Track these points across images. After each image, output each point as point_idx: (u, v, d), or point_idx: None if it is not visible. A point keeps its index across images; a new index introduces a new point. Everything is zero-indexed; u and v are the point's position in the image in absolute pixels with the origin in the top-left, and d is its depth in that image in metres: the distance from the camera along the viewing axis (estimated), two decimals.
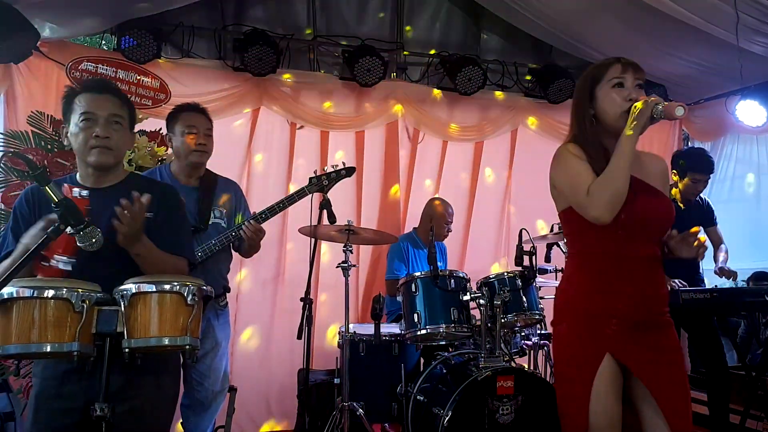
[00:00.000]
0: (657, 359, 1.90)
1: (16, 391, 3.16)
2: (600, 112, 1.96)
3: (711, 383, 3.44)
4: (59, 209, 1.58)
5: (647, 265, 1.93)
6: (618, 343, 1.89)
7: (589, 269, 1.98)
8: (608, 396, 1.87)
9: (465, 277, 3.35)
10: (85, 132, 1.88)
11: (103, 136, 1.87)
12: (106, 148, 1.88)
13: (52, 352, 1.59)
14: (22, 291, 1.56)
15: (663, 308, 1.97)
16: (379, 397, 3.38)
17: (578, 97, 2.04)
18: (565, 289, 2.06)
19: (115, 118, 1.91)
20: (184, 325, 1.66)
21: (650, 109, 1.83)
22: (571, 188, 1.93)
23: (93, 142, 1.86)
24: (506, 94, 4.96)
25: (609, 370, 1.88)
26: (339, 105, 4.57)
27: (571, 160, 1.95)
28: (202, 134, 2.91)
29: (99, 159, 1.89)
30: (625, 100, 1.90)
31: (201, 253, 2.79)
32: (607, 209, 1.82)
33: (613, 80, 1.93)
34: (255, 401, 4.23)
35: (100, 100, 1.91)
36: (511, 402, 2.91)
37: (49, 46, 3.78)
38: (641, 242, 1.92)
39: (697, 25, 3.86)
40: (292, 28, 4.50)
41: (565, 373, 1.99)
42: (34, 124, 3.61)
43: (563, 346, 2.02)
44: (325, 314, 4.41)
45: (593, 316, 1.93)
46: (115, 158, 1.93)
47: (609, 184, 1.83)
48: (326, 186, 3.17)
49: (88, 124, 1.88)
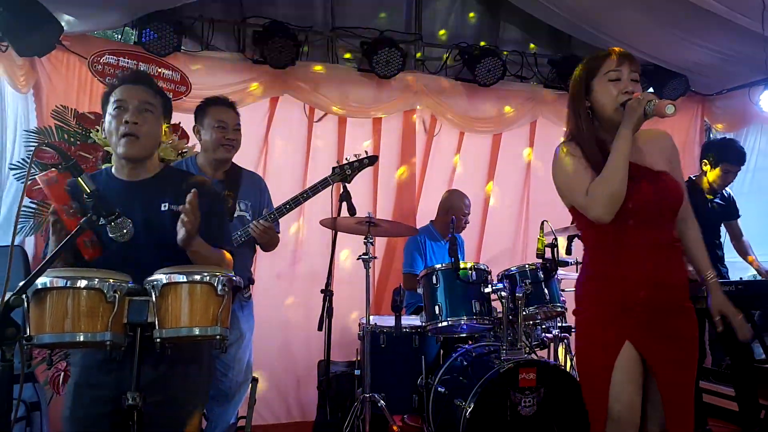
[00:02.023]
0: (671, 350, 1.90)
1: (43, 382, 3.21)
2: (596, 105, 1.96)
3: (738, 378, 3.41)
4: (91, 200, 1.59)
5: (662, 250, 1.93)
6: (637, 332, 1.90)
7: (605, 260, 1.99)
8: (628, 383, 1.89)
9: (486, 269, 3.34)
10: (116, 119, 1.89)
11: (132, 121, 1.87)
12: (134, 135, 1.87)
13: (84, 342, 1.60)
14: (55, 281, 1.58)
15: (682, 294, 1.96)
16: (400, 389, 3.39)
17: (574, 90, 2.02)
18: (583, 280, 2.08)
19: (145, 105, 1.91)
20: (214, 315, 1.67)
21: (642, 107, 1.84)
22: (570, 190, 1.97)
23: (122, 129, 1.87)
24: (525, 85, 4.92)
25: (628, 357, 1.89)
26: (358, 96, 4.55)
27: (568, 160, 1.96)
28: (231, 129, 2.91)
29: (127, 150, 1.89)
30: (621, 93, 1.90)
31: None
32: (605, 209, 1.85)
33: (610, 73, 1.92)
34: (275, 392, 4.26)
35: (133, 89, 1.92)
36: (534, 394, 2.92)
37: (71, 40, 3.80)
38: (653, 228, 1.92)
39: (720, 13, 3.79)
40: (311, 21, 4.50)
41: (586, 361, 2.01)
42: (58, 118, 3.65)
43: (584, 335, 2.04)
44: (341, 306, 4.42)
45: (612, 304, 1.94)
46: (144, 150, 1.93)
47: (606, 184, 1.85)
48: (349, 175, 3.18)
49: (119, 111, 1.89)
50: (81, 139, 3.64)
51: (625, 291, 1.91)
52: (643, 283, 1.89)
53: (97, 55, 3.88)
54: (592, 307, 2.00)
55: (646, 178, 1.92)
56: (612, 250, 1.95)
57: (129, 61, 3.96)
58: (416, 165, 4.71)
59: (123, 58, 3.95)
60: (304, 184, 4.21)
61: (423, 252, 4.10)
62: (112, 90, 1.94)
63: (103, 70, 3.88)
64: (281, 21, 4.26)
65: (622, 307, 1.91)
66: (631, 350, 1.88)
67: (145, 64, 3.99)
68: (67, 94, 3.83)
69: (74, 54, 3.84)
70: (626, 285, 1.91)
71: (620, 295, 1.92)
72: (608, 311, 1.94)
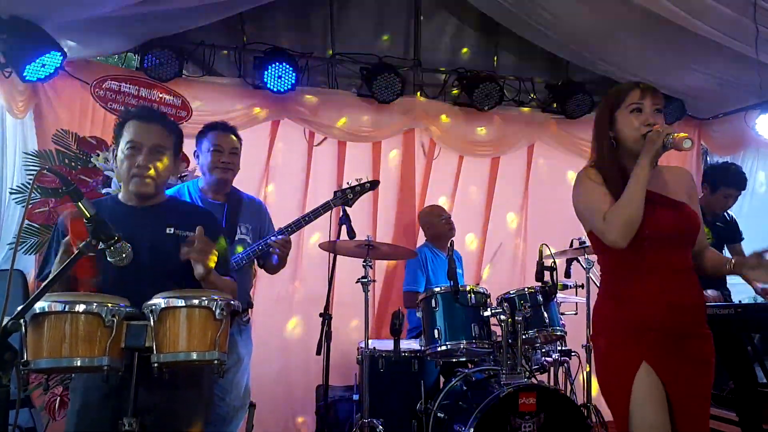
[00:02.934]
0: (688, 374, 1.92)
1: (39, 407, 3.19)
2: (619, 135, 2.04)
3: (741, 402, 3.38)
4: (90, 224, 1.60)
5: (679, 275, 1.97)
6: (654, 355, 1.91)
7: (621, 284, 2.03)
8: (648, 405, 1.89)
9: (485, 293, 3.33)
10: (128, 160, 1.96)
11: (144, 165, 1.94)
12: (146, 177, 1.95)
13: (82, 367, 1.60)
14: (53, 306, 1.58)
15: (700, 318, 1.99)
16: (399, 414, 3.36)
17: (599, 121, 2.11)
18: (600, 305, 2.10)
19: (158, 148, 1.98)
20: (212, 339, 1.67)
21: (662, 139, 1.91)
22: (589, 214, 2.03)
23: (135, 171, 1.95)
24: (523, 109, 4.96)
25: (647, 377, 1.90)
26: (357, 121, 4.60)
27: (589, 185, 2.03)
28: (227, 152, 2.94)
29: (138, 188, 1.97)
30: (643, 125, 1.98)
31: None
32: (621, 235, 1.90)
33: (632, 105, 2.01)
34: (273, 417, 4.21)
35: (147, 129, 1.98)
36: (534, 419, 2.89)
37: (73, 65, 3.85)
38: (669, 254, 1.96)
39: (715, 38, 3.85)
40: (311, 46, 4.56)
41: (607, 385, 2.02)
42: (59, 143, 3.68)
43: (602, 358, 2.06)
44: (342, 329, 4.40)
45: (629, 328, 1.96)
46: (155, 187, 2.00)
47: (623, 211, 1.90)
48: (351, 199, 3.24)
49: (133, 152, 1.96)
50: (82, 164, 3.67)
51: (642, 313, 1.94)
52: (659, 305, 1.92)
53: (99, 81, 3.92)
54: (609, 330, 2.03)
55: (666, 206, 1.99)
56: (628, 275, 2.00)
57: (131, 86, 4.00)
58: (416, 188, 4.74)
59: (125, 84, 3.99)
60: (305, 208, 4.22)
61: (425, 268, 4.09)
62: (125, 121, 2.00)
63: (105, 95, 3.92)
64: (281, 47, 4.32)
65: (638, 330, 1.93)
66: (649, 371, 1.90)
67: (146, 90, 4.03)
68: (67, 118, 3.86)
69: (76, 79, 3.88)
70: (642, 308, 1.94)
71: (637, 318, 1.94)
72: (625, 334, 1.96)
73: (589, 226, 2.07)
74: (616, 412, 1.96)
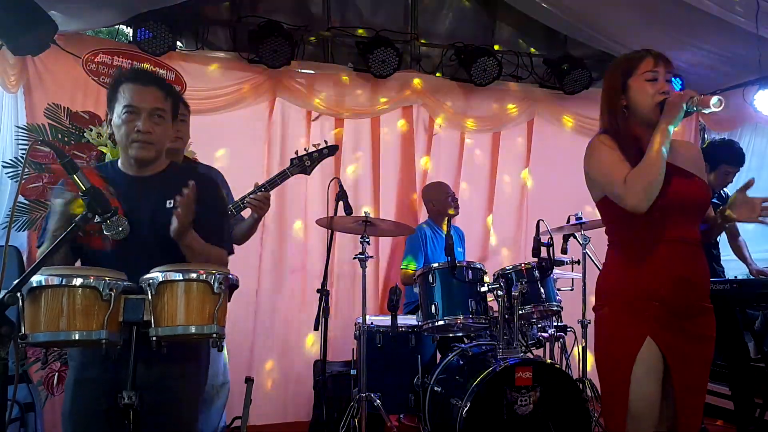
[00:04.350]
0: (689, 348, 1.93)
1: (36, 383, 3.19)
2: (633, 103, 2.01)
3: (733, 377, 3.42)
4: (86, 197, 1.58)
5: (687, 248, 1.97)
6: (657, 328, 1.91)
7: (629, 255, 2.01)
8: (648, 380, 1.90)
9: (482, 269, 3.34)
10: (127, 125, 1.89)
11: (144, 131, 1.88)
12: (147, 142, 1.89)
13: (80, 340, 1.59)
14: (50, 279, 1.56)
15: (704, 292, 2.00)
16: (396, 389, 3.38)
17: (609, 88, 2.07)
18: (606, 275, 2.09)
19: (157, 111, 1.91)
20: (210, 313, 1.66)
21: (685, 102, 1.89)
22: (607, 179, 1.98)
23: (134, 136, 1.88)
24: (521, 84, 4.93)
25: (649, 353, 1.90)
26: (354, 96, 4.56)
27: (605, 151, 1.99)
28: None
29: (139, 153, 1.91)
30: (658, 93, 1.95)
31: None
32: (644, 198, 1.87)
33: (647, 74, 1.98)
34: (271, 392, 4.24)
35: (144, 92, 1.90)
36: (530, 393, 2.91)
37: (65, 39, 3.78)
38: (679, 225, 1.95)
39: (714, 12, 3.81)
40: (307, 20, 4.49)
41: (607, 357, 2.02)
42: (50, 117, 3.63)
43: (604, 330, 2.04)
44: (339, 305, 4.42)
45: (634, 299, 1.95)
46: (156, 152, 1.94)
47: (645, 173, 1.87)
48: (309, 166, 3.07)
49: (131, 117, 1.89)
50: (74, 139, 3.62)
51: (649, 286, 1.93)
52: (666, 278, 1.92)
53: (92, 54, 3.86)
54: (615, 301, 2.01)
55: (677, 175, 1.97)
56: (638, 245, 1.98)
57: (123, 60, 3.95)
58: (416, 165, 4.72)
59: (117, 57, 3.93)
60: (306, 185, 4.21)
61: (424, 245, 4.09)
62: (119, 84, 1.92)
63: (98, 69, 3.86)
64: (277, 20, 4.26)
65: (644, 302, 1.93)
66: (652, 346, 1.90)
67: (139, 63, 3.97)
68: (59, 92, 3.80)
69: (67, 53, 3.81)
70: (650, 279, 1.93)
71: (643, 290, 1.94)
72: (630, 305, 1.96)
73: (604, 192, 2.02)
74: (612, 382, 1.97)
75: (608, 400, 2.00)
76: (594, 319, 2.11)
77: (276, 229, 4.35)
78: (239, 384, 3.18)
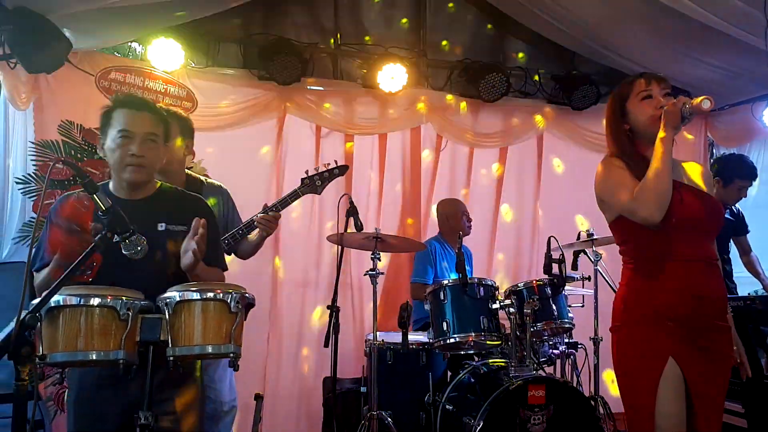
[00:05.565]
0: (707, 366, 1.92)
1: (45, 399, 3.19)
2: (635, 124, 2.05)
3: (747, 394, 3.38)
4: (106, 217, 1.59)
5: (703, 267, 1.97)
6: (678, 346, 1.91)
7: (645, 273, 2.01)
8: (673, 399, 1.89)
9: (494, 285, 3.32)
10: (121, 149, 1.94)
11: (138, 154, 1.93)
12: (140, 166, 1.95)
13: (97, 360, 1.59)
14: (69, 299, 1.57)
15: (721, 311, 1.99)
16: (407, 407, 3.36)
17: (610, 115, 2.12)
18: (622, 296, 2.08)
19: (150, 136, 1.97)
20: (227, 332, 1.66)
21: (679, 108, 1.91)
22: (617, 195, 2.00)
23: (129, 160, 1.93)
24: (529, 100, 4.94)
25: (673, 373, 1.89)
26: (363, 112, 4.57)
27: (614, 171, 2.02)
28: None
29: (133, 177, 1.96)
30: (656, 109, 1.99)
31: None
32: (655, 208, 1.88)
33: (641, 93, 2.03)
34: (281, 409, 4.22)
35: (138, 117, 1.96)
36: (543, 412, 2.88)
37: (77, 56, 3.82)
38: (693, 243, 1.96)
39: (724, 29, 3.82)
40: (317, 37, 4.53)
41: (629, 378, 2.00)
42: (63, 134, 3.67)
43: (624, 352, 2.03)
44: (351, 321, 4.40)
45: (652, 319, 1.95)
46: (148, 175, 2.01)
47: (653, 183, 1.89)
48: (320, 186, 3.08)
49: (125, 141, 1.94)
50: (87, 155, 3.65)
51: (666, 305, 1.93)
52: (683, 296, 1.92)
53: (104, 72, 3.89)
54: (633, 321, 2.01)
55: (689, 193, 1.98)
56: (654, 264, 1.98)
57: (135, 77, 3.98)
58: (422, 180, 4.72)
59: (130, 75, 3.97)
60: (314, 202, 4.21)
61: (434, 261, 4.09)
62: (113, 110, 1.98)
63: (110, 86, 3.89)
64: (287, 38, 4.29)
65: (663, 322, 1.92)
66: (675, 366, 1.89)
67: (152, 81, 4.00)
68: (72, 109, 3.83)
69: (80, 70, 3.85)
70: (667, 299, 1.93)
71: (661, 309, 1.93)
72: (649, 326, 1.95)
73: (617, 211, 2.03)
74: (637, 403, 1.95)
75: (634, 420, 1.99)
76: (611, 339, 2.09)
77: (287, 245, 4.35)
78: (249, 401, 3.16)
